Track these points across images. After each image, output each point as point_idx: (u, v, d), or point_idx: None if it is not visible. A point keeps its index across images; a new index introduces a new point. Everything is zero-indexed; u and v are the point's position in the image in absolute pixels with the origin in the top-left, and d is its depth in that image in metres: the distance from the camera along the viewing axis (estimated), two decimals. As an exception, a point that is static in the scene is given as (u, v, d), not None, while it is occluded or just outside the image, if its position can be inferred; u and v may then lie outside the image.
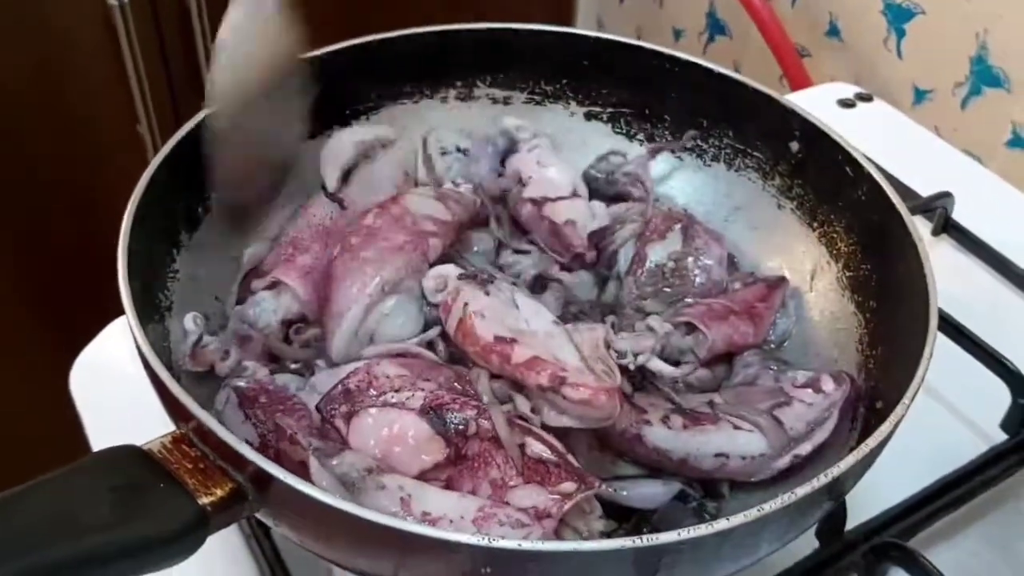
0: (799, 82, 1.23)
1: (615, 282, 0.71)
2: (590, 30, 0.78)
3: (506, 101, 0.79)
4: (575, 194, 0.73)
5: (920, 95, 1.21)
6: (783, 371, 0.64)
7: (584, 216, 0.72)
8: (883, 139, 0.69)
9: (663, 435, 0.58)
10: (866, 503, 0.63)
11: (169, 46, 1.28)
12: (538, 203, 0.72)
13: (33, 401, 1.28)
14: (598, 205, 0.74)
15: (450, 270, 0.63)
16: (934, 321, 0.56)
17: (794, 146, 0.72)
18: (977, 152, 1.09)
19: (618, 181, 0.77)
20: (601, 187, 0.77)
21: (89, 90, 1.26)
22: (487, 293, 0.60)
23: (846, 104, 1.07)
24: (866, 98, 1.09)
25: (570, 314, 0.66)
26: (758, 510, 0.46)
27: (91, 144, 1.29)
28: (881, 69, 1.25)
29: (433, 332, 0.62)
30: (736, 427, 0.59)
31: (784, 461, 0.59)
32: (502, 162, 0.77)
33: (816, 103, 0.72)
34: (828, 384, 0.61)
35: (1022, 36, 1.08)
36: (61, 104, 1.25)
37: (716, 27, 1.55)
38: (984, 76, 1.13)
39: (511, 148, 0.77)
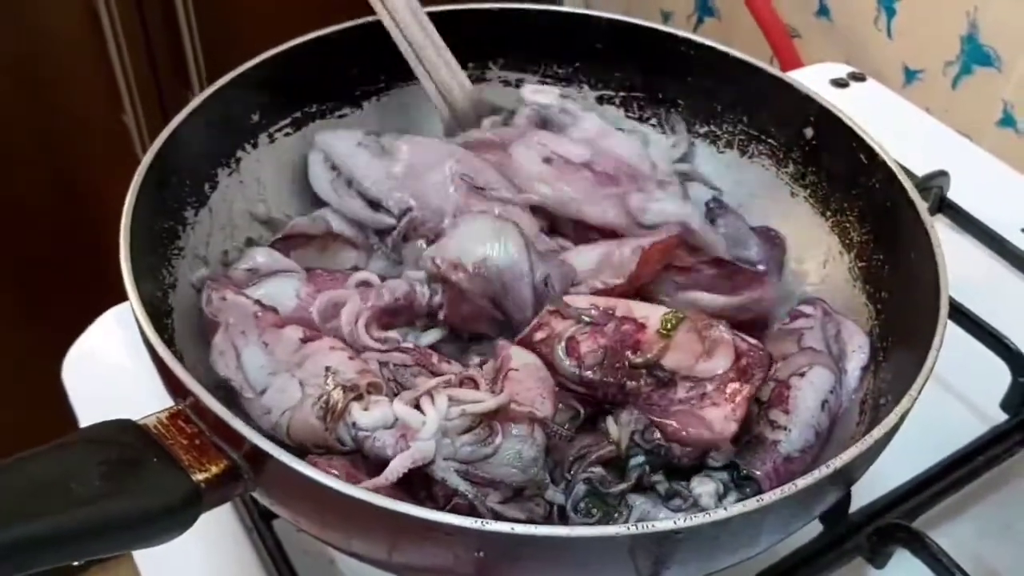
0: (790, 63, 1.22)
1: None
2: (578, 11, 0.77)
3: (518, 83, 0.78)
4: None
5: (911, 75, 1.20)
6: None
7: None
8: (877, 119, 0.69)
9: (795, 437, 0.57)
10: (868, 486, 0.63)
11: (153, 34, 1.28)
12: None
13: (16, 395, 1.29)
14: None
15: None
16: (944, 312, 0.55)
17: (808, 132, 0.71)
18: (968, 132, 1.07)
19: None
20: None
21: (73, 79, 1.26)
22: None
23: (839, 84, 1.05)
24: (859, 78, 1.07)
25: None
26: (757, 500, 0.45)
27: (76, 134, 1.29)
28: (871, 49, 1.24)
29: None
30: (802, 375, 0.59)
31: (853, 380, 0.61)
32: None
33: (808, 84, 0.71)
34: (806, 308, 0.65)
35: (1013, 14, 1.07)
36: (45, 94, 1.24)
37: (705, 9, 1.54)
38: (975, 55, 1.11)
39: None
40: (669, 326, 0.57)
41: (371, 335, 0.59)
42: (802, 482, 0.46)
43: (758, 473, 0.55)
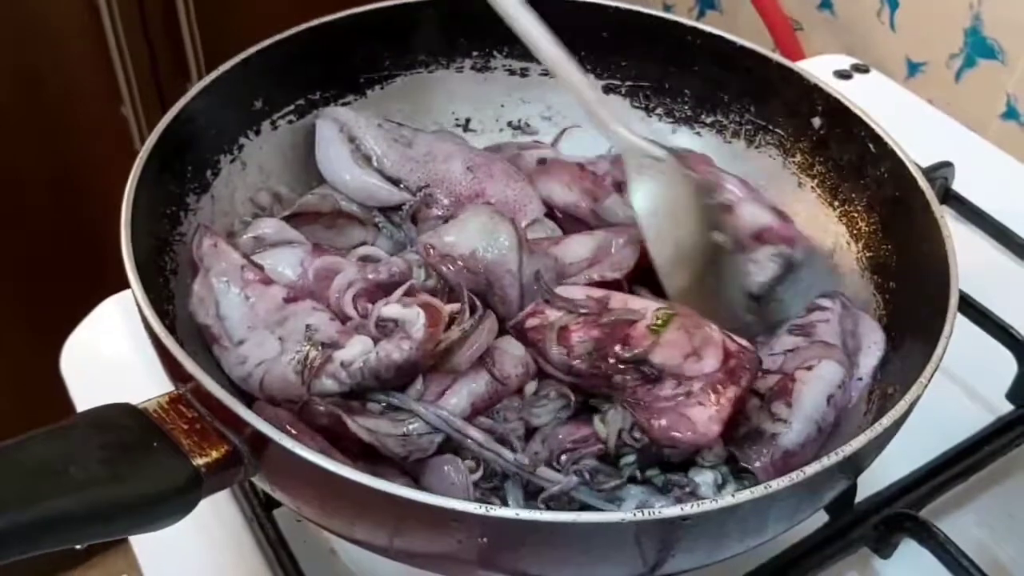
0: (793, 56, 1.21)
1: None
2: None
3: (523, 73, 0.78)
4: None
5: (913, 68, 1.19)
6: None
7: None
8: (881, 110, 0.68)
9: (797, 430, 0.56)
10: (874, 476, 0.62)
11: (152, 25, 1.27)
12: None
13: (15, 387, 1.29)
14: None
15: None
16: (954, 302, 0.54)
17: (816, 122, 0.70)
18: (972, 125, 1.07)
19: None
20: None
21: (72, 71, 1.24)
22: None
23: (843, 76, 1.05)
24: (862, 69, 1.06)
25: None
26: (765, 487, 0.44)
27: (74, 126, 1.28)
28: (874, 42, 1.23)
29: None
30: (809, 368, 0.58)
31: (865, 376, 0.60)
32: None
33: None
34: (824, 302, 0.64)
35: (1016, 7, 1.06)
36: (43, 86, 1.23)
37: (706, 1, 1.53)
38: (978, 47, 1.11)
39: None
40: (660, 322, 0.56)
41: (356, 306, 0.58)
42: (810, 470, 0.45)
43: (756, 466, 0.54)
